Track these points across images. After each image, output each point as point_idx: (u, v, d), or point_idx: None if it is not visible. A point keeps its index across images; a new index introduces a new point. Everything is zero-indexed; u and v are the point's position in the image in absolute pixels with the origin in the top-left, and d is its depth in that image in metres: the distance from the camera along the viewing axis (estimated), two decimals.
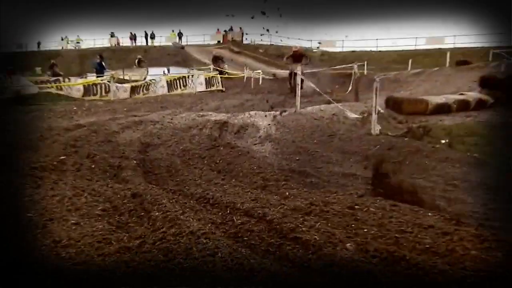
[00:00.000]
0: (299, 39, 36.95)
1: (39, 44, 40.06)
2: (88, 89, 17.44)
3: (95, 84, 17.88)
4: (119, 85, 18.62)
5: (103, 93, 17.50)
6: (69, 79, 18.24)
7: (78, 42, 42.98)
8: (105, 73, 22.17)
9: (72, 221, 3.40)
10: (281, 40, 38.19)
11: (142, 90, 18.61)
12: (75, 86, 17.49)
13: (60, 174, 4.92)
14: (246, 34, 41.60)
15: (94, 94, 17.40)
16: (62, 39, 42.83)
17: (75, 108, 12.15)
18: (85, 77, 20.85)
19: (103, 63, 23.33)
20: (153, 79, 20.05)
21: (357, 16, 41.36)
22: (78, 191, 4.21)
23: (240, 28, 42.33)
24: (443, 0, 32.26)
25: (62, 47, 42.56)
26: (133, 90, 18.38)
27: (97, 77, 20.49)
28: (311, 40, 40.05)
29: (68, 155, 5.81)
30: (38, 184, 4.43)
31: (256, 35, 40.45)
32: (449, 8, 30.48)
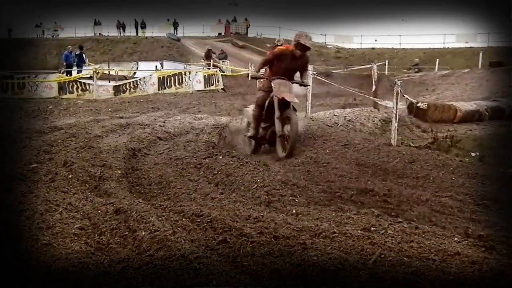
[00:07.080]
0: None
1: (9, 31, 40.03)
2: (63, 87, 17.54)
3: (72, 81, 18.00)
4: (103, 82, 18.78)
5: (80, 92, 17.62)
6: (35, 75, 18.29)
7: (55, 30, 43.05)
8: (84, 68, 22.27)
9: (43, 242, 3.38)
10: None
11: (129, 89, 18.68)
12: (43, 83, 17.62)
13: (31, 185, 4.90)
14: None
15: (71, 92, 17.50)
16: (37, 26, 42.88)
17: (50, 107, 12.20)
18: (62, 72, 20.96)
19: (84, 56, 23.43)
20: (143, 76, 20.15)
21: (377, 8, 41.44)
22: (52, 205, 4.18)
23: (246, 19, 42.45)
24: None
25: (37, 35, 42.61)
26: (117, 88, 18.43)
27: (67, 72, 20.55)
28: (325, 35, 40.15)
29: (40, 162, 5.81)
30: (4, 197, 4.42)
31: (263, 27, 40.72)
32: (483, 1, 30.54)
